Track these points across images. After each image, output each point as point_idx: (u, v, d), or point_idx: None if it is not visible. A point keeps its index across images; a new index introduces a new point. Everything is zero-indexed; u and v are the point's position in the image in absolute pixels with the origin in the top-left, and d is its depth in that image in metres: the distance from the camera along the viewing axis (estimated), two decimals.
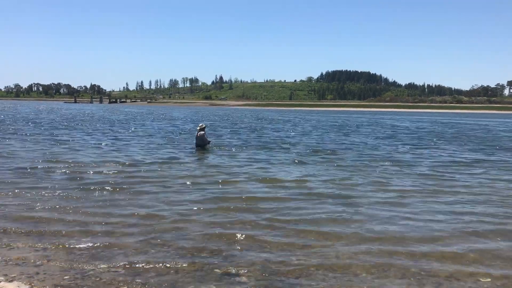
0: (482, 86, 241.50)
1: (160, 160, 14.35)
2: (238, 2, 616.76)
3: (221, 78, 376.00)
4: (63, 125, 32.71)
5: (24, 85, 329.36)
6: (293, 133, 30.31)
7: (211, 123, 40.86)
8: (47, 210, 7.78)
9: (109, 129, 29.81)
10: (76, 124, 34.46)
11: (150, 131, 29.20)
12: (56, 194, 9.04)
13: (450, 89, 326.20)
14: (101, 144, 19.29)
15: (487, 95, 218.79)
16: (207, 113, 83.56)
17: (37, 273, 5.09)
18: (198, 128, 17.86)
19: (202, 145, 17.57)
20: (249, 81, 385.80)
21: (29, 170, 11.75)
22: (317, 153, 17.82)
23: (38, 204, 8.17)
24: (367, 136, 29.17)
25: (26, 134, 23.30)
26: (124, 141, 21.21)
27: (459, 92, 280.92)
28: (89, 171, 11.83)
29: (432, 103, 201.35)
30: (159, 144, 20.04)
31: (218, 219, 7.50)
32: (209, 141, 18.34)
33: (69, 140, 20.52)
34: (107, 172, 11.75)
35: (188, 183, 10.59)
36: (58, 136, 22.68)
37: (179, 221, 7.37)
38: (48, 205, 8.12)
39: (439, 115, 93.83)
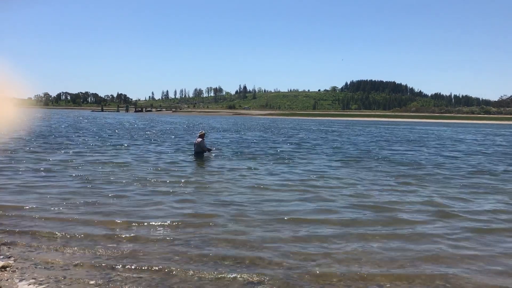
0: (511, 96, 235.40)
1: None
2: (263, 12, 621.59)
3: (245, 87, 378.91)
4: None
5: (53, 94, 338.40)
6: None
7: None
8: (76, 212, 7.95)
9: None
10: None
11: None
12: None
13: (477, 99, 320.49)
14: None
15: None
16: (242, 122, 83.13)
17: (64, 277, 5.20)
18: (198, 134, 18.34)
19: (200, 152, 17.87)
20: (272, 91, 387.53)
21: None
22: None
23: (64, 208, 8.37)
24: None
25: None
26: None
27: (487, 102, 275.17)
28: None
29: (459, 113, 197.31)
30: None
31: (241, 227, 7.52)
32: (209, 149, 18.49)
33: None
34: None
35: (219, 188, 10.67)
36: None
37: (202, 226, 7.44)
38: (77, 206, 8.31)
39: (476, 126, 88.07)
